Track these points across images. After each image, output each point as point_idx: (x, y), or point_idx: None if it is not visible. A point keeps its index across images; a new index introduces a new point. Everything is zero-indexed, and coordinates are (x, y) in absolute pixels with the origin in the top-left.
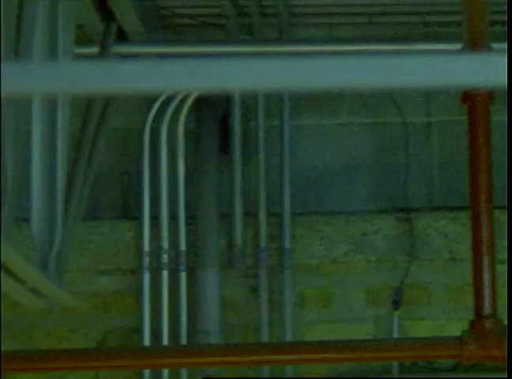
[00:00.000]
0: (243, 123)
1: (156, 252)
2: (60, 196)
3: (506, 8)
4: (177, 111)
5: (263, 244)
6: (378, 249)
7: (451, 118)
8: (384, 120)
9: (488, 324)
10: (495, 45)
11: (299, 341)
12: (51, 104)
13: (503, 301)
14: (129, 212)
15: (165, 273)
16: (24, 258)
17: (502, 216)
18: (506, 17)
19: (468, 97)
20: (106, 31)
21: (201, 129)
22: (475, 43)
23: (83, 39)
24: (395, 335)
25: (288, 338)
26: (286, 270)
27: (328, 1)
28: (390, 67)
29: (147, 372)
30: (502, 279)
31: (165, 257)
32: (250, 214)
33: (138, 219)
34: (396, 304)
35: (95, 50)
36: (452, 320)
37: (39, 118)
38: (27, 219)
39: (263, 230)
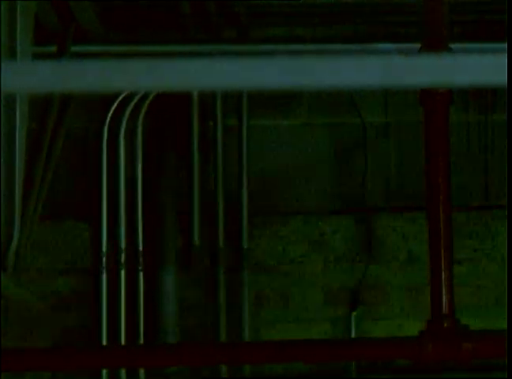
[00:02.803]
0: (202, 123)
1: (113, 252)
2: (18, 196)
3: (464, 9)
4: (136, 111)
5: (221, 244)
6: (335, 250)
7: (409, 119)
8: (342, 120)
9: (445, 324)
10: (453, 45)
11: (257, 341)
12: (9, 104)
13: (461, 301)
14: (86, 211)
15: (123, 273)
16: None
17: (458, 216)
18: (464, 18)
19: (427, 97)
20: (64, 31)
21: (159, 128)
22: (434, 44)
23: (42, 38)
24: (353, 336)
25: (246, 338)
26: (244, 270)
27: (288, 1)
28: (349, 67)
29: (104, 371)
30: (460, 280)
31: (123, 257)
32: (208, 214)
33: (96, 219)
34: (354, 304)
35: (53, 49)
36: (410, 320)
37: None
38: None
39: (221, 230)
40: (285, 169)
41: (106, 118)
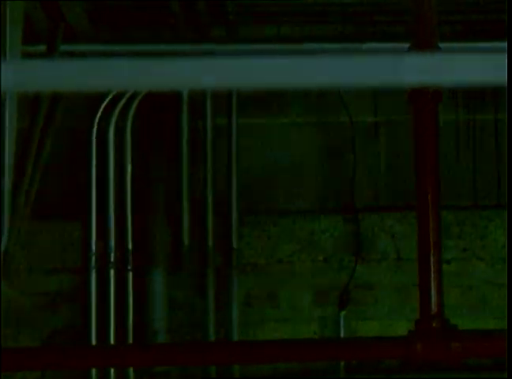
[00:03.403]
0: (191, 123)
1: (103, 251)
2: (7, 195)
3: (453, 8)
4: (125, 110)
5: (210, 243)
6: (324, 249)
7: (398, 118)
8: (332, 120)
9: (434, 324)
10: (442, 45)
11: (246, 340)
12: None
13: (449, 301)
14: (76, 211)
15: (112, 272)
16: None
17: (447, 216)
18: (453, 17)
19: (416, 96)
20: (54, 30)
21: (148, 127)
22: (422, 43)
23: (31, 38)
24: (342, 335)
25: (235, 337)
26: (233, 270)
27: (275, 0)
28: (338, 66)
29: (93, 371)
30: (448, 279)
31: (112, 257)
32: (198, 213)
33: (85, 218)
34: (342, 304)
35: (42, 48)
36: (399, 320)
37: None
38: None
39: (210, 230)
40: (275, 168)
41: (95, 117)
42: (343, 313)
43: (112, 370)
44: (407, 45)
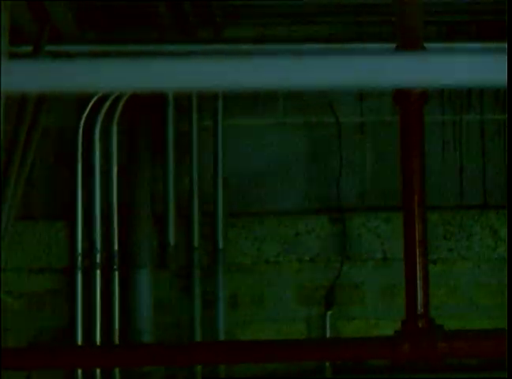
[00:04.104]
0: (177, 123)
1: (89, 251)
2: None
3: (439, 9)
4: (111, 110)
5: (196, 244)
6: (310, 249)
7: (385, 119)
8: (318, 120)
9: (420, 324)
10: (428, 45)
11: (232, 340)
12: None
13: (435, 301)
14: (62, 211)
15: (98, 273)
16: None
17: (433, 216)
18: (439, 18)
19: (401, 97)
20: (40, 31)
21: (134, 128)
22: (408, 43)
23: (17, 39)
24: (328, 335)
25: (221, 338)
26: (219, 270)
27: (261, 1)
28: (324, 67)
29: (79, 371)
30: (434, 280)
31: (98, 257)
32: (184, 214)
33: (71, 218)
34: (328, 304)
35: (28, 49)
36: (384, 320)
37: None
38: None
39: (196, 230)
40: (260, 169)
41: (81, 118)
42: (329, 313)
43: (98, 371)
44: (393, 46)
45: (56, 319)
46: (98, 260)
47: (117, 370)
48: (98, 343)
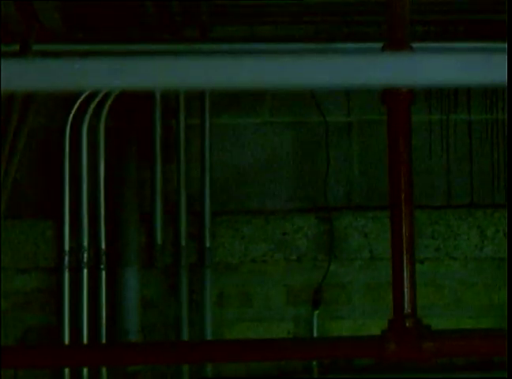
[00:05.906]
0: (164, 122)
1: (76, 250)
2: None
3: (427, 8)
4: (98, 109)
5: (183, 243)
6: (298, 249)
7: (372, 118)
8: (305, 119)
9: (407, 324)
10: (415, 45)
11: (219, 339)
12: None
13: (423, 300)
14: (49, 210)
15: (85, 272)
16: None
17: (421, 216)
18: (426, 17)
19: (389, 97)
20: (27, 30)
21: (122, 126)
22: (395, 43)
23: (4, 37)
24: (315, 335)
25: (208, 337)
26: (206, 269)
27: (249, 1)
28: (311, 66)
29: (66, 370)
30: (422, 279)
31: (85, 256)
32: (171, 213)
33: (58, 217)
34: (316, 303)
35: (16, 48)
36: (372, 320)
37: None
38: None
39: (183, 229)
40: (248, 168)
41: (68, 117)
42: (316, 312)
43: (85, 370)
44: (380, 45)
45: (43, 318)
46: (85, 259)
47: (104, 369)
48: (85, 341)
